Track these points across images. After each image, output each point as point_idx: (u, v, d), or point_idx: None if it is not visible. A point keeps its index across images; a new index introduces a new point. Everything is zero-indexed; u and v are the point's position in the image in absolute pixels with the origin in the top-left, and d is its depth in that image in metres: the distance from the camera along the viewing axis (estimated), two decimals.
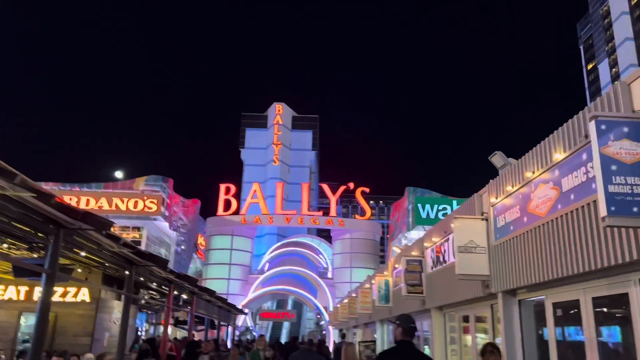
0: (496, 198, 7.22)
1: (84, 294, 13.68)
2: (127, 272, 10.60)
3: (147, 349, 9.52)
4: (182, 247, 51.29)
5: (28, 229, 7.19)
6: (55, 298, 13.61)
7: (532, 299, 6.83)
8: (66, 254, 9.19)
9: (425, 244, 10.91)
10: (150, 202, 42.08)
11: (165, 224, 45.18)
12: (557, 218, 5.55)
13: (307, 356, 7.19)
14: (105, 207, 41.52)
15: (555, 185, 5.55)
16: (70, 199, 40.20)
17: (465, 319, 9.54)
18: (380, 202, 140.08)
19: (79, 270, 12.80)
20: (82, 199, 41.43)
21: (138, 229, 43.06)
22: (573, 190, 5.21)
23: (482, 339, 8.85)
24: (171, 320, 30.43)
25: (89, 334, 13.45)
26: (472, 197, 8.35)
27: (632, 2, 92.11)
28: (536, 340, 6.81)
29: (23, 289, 13.62)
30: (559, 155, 5.48)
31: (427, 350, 12.64)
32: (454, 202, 39.52)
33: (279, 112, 75.67)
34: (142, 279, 13.00)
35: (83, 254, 8.91)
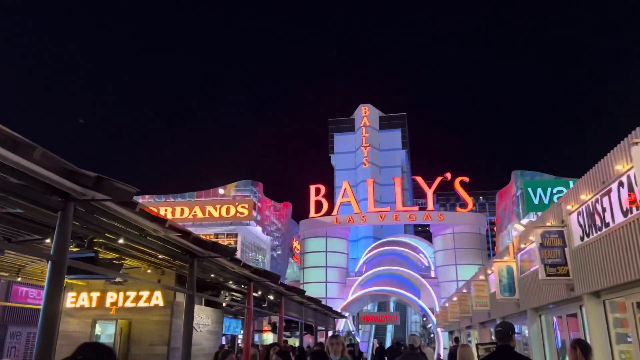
0: None
1: (157, 298, 12.23)
2: (189, 266, 8.85)
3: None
4: (278, 252, 50.52)
5: (30, 205, 5.51)
6: (128, 303, 12.36)
7: None
8: (100, 241, 7.53)
9: (568, 207, 8.00)
10: (242, 207, 41.66)
11: (259, 229, 44.58)
12: None
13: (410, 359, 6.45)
14: (199, 215, 41.71)
15: None
16: (165, 210, 40.80)
17: None
18: (480, 197, 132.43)
19: (149, 271, 11.37)
20: (177, 209, 41.90)
21: (233, 235, 42.78)
22: None
23: None
24: (268, 326, 29.27)
25: (165, 342, 11.96)
26: None
27: None
28: None
29: (95, 295, 12.49)
30: None
31: None
32: (571, 183, 34.67)
33: (366, 114, 73.53)
34: (213, 275, 11.27)
35: (121, 241, 7.18)
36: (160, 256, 8.79)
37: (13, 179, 4.91)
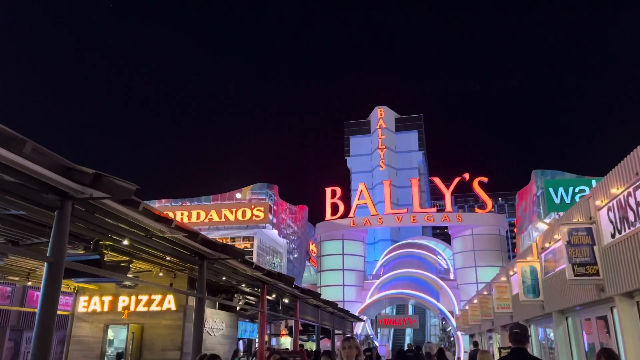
0: None
1: (170, 302, 12.02)
2: (198, 268, 8.58)
3: None
4: (295, 255, 50.23)
5: (25, 204, 5.27)
6: (140, 307, 12.16)
7: None
8: (107, 244, 7.28)
9: (597, 203, 7.53)
10: (257, 210, 41.52)
11: (275, 232, 44.36)
12: None
13: None
14: (215, 218, 41.66)
15: None
16: (182, 214, 40.82)
17: None
18: (499, 198, 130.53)
19: (161, 274, 11.15)
20: (193, 212, 41.93)
21: (249, 238, 42.65)
22: None
23: None
24: (286, 330, 28.96)
25: (178, 347, 11.72)
26: None
27: None
28: None
29: (107, 299, 12.32)
30: None
31: None
32: (594, 182, 33.73)
33: (381, 116, 72.86)
34: (225, 278, 11.00)
35: (125, 242, 6.92)
36: (168, 258, 8.52)
37: (6, 176, 4.69)
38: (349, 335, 5.99)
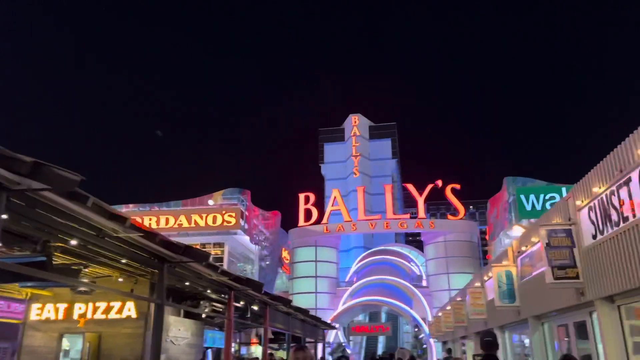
0: None
1: (130, 309, 11.32)
2: (158, 272, 7.97)
3: None
4: (267, 262, 49.46)
5: None
6: (98, 315, 11.43)
7: None
8: (57, 245, 6.64)
9: (577, 203, 7.26)
10: (229, 215, 40.69)
11: (246, 238, 43.57)
12: None
13: None
14: (185, 224, 40.70)
15: None
16: (150, 220, 39.73)
17: None
18: (470, 207, 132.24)
19: (120, 279, 10.47)
20: (162, 218, 40.87)
21: (220, 245, 41.75)
22: None
23: None
24: (256, 339, 28.24)
25: (137, 357, 11.01)
26: None
27: None
28: None
29: (62, 306, 11.54)
30: None
31: None
32: (564, 190, 34.14)
33: (355, 124, 73.17)
34: (188, 283, 10.38)
35: (74, 242, 6.31)
36: (124, 261, 7.90)
37: None
38: (301, 345, 5.20)
